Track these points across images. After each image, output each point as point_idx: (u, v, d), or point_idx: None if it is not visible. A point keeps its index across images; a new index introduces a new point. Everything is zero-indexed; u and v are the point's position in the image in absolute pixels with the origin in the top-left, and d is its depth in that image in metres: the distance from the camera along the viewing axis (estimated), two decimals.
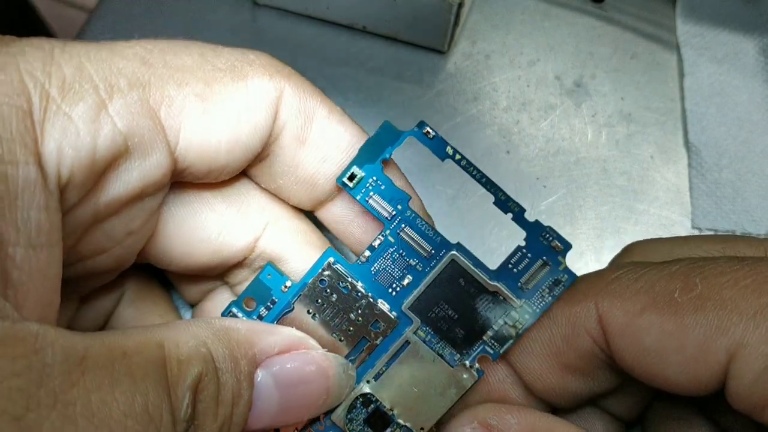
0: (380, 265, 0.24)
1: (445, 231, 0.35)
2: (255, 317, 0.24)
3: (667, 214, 0.37)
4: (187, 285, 0.28)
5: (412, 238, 0.23)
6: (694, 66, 0.41)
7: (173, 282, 0.29)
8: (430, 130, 0.23)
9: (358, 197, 0.23)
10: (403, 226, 0.23)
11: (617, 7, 0.43)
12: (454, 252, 0.23)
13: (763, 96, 0.41)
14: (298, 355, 0.22)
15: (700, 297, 0.20)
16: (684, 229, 0.37)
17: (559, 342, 0.23)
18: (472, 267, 0.23)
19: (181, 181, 0.23)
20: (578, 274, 0.23)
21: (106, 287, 0.26)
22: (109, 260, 0.23)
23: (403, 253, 0.23)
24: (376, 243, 0.23)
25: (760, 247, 0.22)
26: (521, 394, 0.24)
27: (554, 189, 0.37)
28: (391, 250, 0.23)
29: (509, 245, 0.35)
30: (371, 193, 0.23)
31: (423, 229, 0.23)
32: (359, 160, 0.23)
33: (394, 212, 0.23)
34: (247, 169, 0.25)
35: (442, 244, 0.23)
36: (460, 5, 0.37)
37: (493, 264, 0.24)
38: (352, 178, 0.23)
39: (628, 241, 0.36)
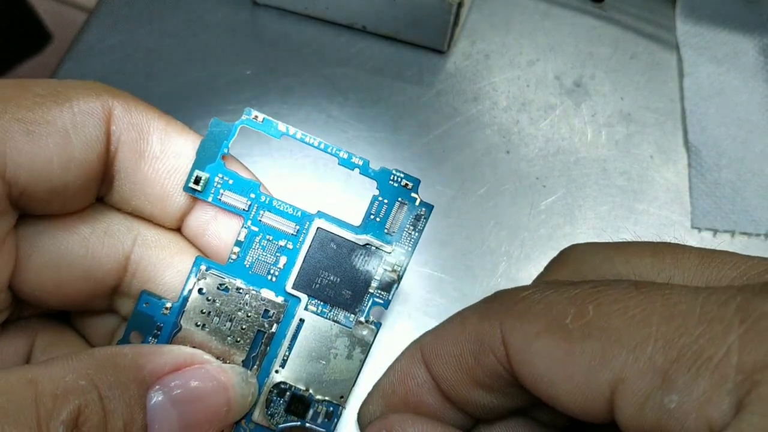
0: (252, 257, 0.24)
1: (444, 232, 0.35)
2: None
3: (666, 214, 0.37)
4: (89, 328, 0.27)
5: (275, 221, 0.24)
6: (694, 66, 0.41)
7: (78, 329, 0.28)
8: (258, 114, 0.24)
9: (209, 198, 0.24)
10: (261, 212, 0.24)
11: (617, 7, 0.43)
12: (317, 219, 0.24)
13: (762, 96, 0.41)
14: (191, 371, 0.22)
15: (588, 325, 0.19)
16: (683, 228, 0.37)
17: (469, 358, 0.23)
18: (338, 229, 0.24)
19: (33, 213, 0.23)
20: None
21: (9, 337, 0.25)
22: None
23: (271, 238, 0.24)
24: (241, 236, 0.24)
25: (738, 264, 0.21)
26: (438, 401, 0.24)
27: (554, 189, 0.37)
28: (258, 238, 0.24)
29: (510, 246, 0.35)
30: (222, 191, 0.24)
31: (282, 209, 0.24)
32: (199, 162, 0.24)
33: (249, 202, 0.24)
34: (104, 197, 0.25)
35: (304, 217, 0.24)
36: (460, 5, 0.37)
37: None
38: (197, 181, 0.24)
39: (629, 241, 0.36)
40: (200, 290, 0.24)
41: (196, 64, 0.40)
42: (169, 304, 0.24)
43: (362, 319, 0.24)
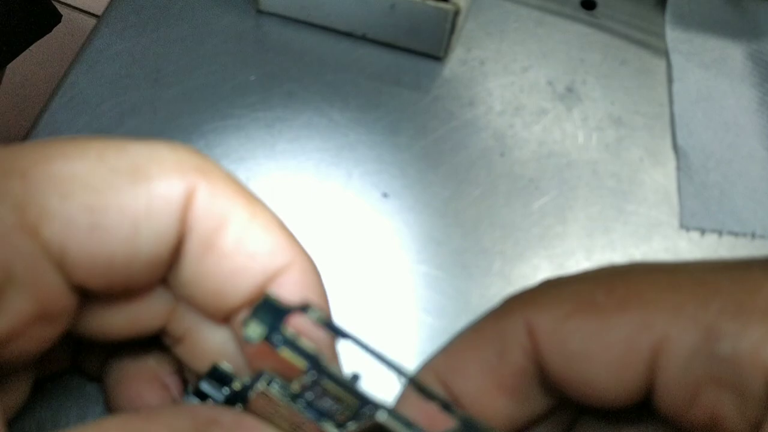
0: (312, 398, 0.21)
1: (440, 232, 0.37)
2: (224, 392, 0.23)
3: (655, 215, 0.38)
4: (88, 346, 0.25)
5: (334, 390, 0.21)
6: (683, 71, 0.43)
7: None
8: (320, 316, 0.20)
9: (269, 340, 0.21)
10: (321, 379, 0.21)
11: (608, 15, 0.45)
12: (378, 414, 0.20)
13: (749, 100, 0.42)
14: None
15: (623, 298, 0.19)
16: (672, 228, 0.38)
17: (493, 359, 0.22)
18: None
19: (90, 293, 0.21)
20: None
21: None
22: (26, 360, 0.20)
23: (328, 398, 0.21)
24: (306, 381, 0.21)
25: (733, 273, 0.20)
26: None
27: (546, 190, 0.38)
28: (318, 388, 0.21)
29: (503, 245, 0.37)
30: (281, 345, 0.20)
31: (343, 384, 0.21)
32: (255, 313, 0.20)
33: (308, 366, 0.20)
34: None
35: (364, 402, 0.20)
36: (457, 14, 0.39)
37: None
38: (249, 339, 0.20)
39: (618, 241, 0.37)
40: (262, 393, 0.21)
41: (202, 69, 0.41)
42: (238, 384, 0.22)
43: None
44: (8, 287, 0.18)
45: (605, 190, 0.39)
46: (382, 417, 0.20)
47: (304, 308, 0.20)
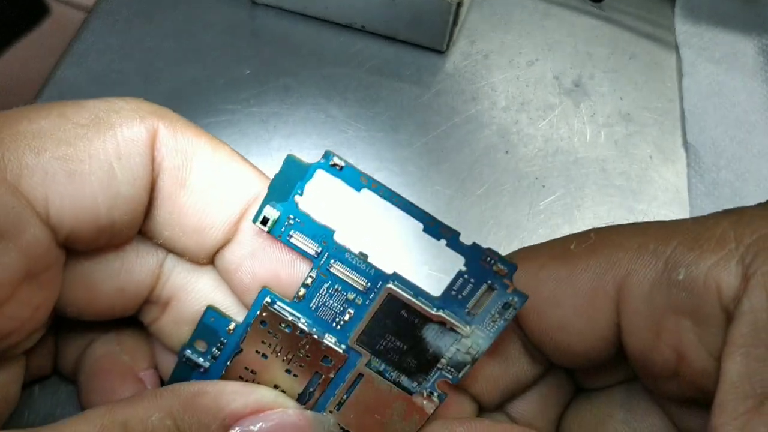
0: (318, 301, 0.23)
1: None
2: (209, 357, 0.24)
3: (665, 214, 0.37)
4: (63, 343, 0.26)
5: (345, 273, 0.22)
6: (693, 66, 0.41)
7: None
8: (338, 161, 0.21)
9: (278, 237, 0.22)
10: (332, 261, 0.22)
11: (616, 7, 0.43)
12: (389, 285, 0.22)
13: (761, 96, 0.41)
14: (272, 414, 0.22)
15: (592, 245, 0.21)
16: None
17: None
18: (411, 298, 0.22)
19: (79, 250, 0.22)
20: None
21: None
22: (21, 335, 0.21)
23: (339, 288, 0.22)
24: (309, 281, 0.22)
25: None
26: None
27: (553, 189, 0.37)
28: (326, 285, 0.22)
29: (509, 246, 0.35)
30: (291, 232, 0.22)
31: (354, 262, 0.22)
32: (270, 198, 0.22)
33: (319, 249, 0.22)
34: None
35: (376, 277, 0.22)
36: (459, 5, 0.37)
37: None
38: (265, 221, 0.22)
39: None
40: (262, 322, 0.23)
41: (195, 63, 0.40)
42: (232, 325, 0.23)
43: (425, 391, 0.23)
44: None
45: (614, 188, 0.37)
46: (393, 286, 0.21)
47: (322, 162, 0.21)
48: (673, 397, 0.21)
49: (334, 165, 0.21)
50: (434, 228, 0.21)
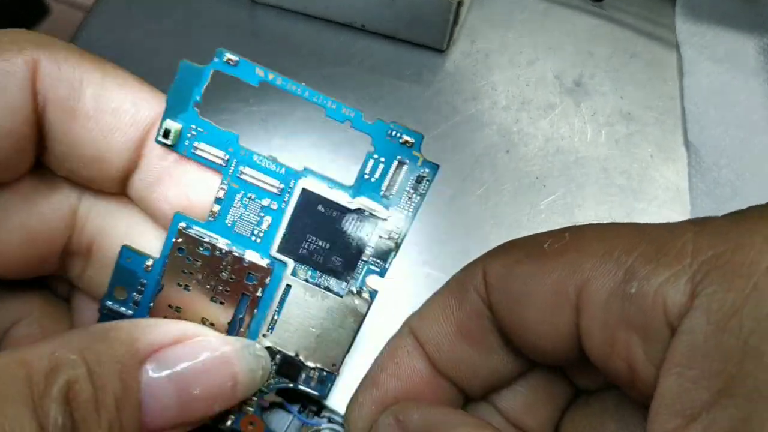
0: (234, 215, 0.22)
1: (443, 232, 0.35)
2: (131, 304, 0.23)
3: (666, 213, 0.37)
4: None
5: (256, 178, 0.22)
6: (694, 65, 0.41)
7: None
8: (232, 57, 0.21)
9: (183, 152, 0.21)
10: (241, 168, 0.21)
11: (617, 6, 0.43)
12: (303, 179, 0.21)
13: (762, 95, 0.41)
14: (191, 343, 0.21)
15: (564, 246, 0.21)
16: None
17: (454, 305, 0.23)
18: (327, 189, 0.21)
19: None
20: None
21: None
22: None
23: (253, 196, 0.22)
24: (221, 193, 0.22)
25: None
26: (428, 373, 0.24)
27: (554, 188, 0.37)
28: (239, 196, 0.22)
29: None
30: (196, 143, 0.21)
31: (264, 164, 0.21)
32: (170, 112, 0.21)
33: (227, 156, 0.21)
34: (40, 158, 0.22)
35: (288, 175, 0.21)
36: (460, 4, 0.37)
37: None
38: (167, 134, 0.21)
39: None
40: (180, 249, 0.22)
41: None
42: (150, 261, 0.22)
43: (355, 288, 0.22)
44: None
45: (615, 187, 0.37)
46: (306, 180, 0.21)
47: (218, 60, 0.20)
48: (638, 402, 0.21)
49: (228, 61, 0.21)
50: (337, 110, 0.21)
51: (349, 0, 0.39)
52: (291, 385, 0.23)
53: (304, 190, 0.21)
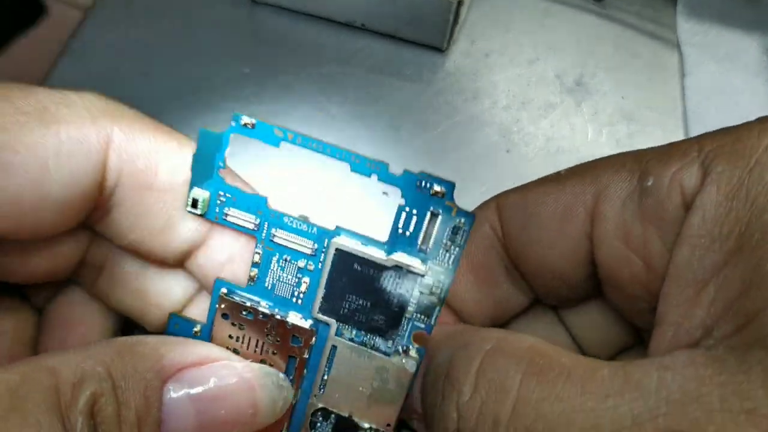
0: (272, 278, 0.22)
1: None
2: None
3: None
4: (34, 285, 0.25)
5: (288, 240, 0.21)
6: (695, 65, 0.41)
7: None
8: (248, 120, 0.20)
9: (214, 218, 0.21)
10: (273, 230, 0.21)
11: (618, 6, 0.43)
12: (335, 240, 0.21)
13: (763, 95, 0.41)
14: (215, 366, 0.20)
15: (582, 169, 0.23)
16: None
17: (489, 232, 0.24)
18: (362, 247, 0.21)
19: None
20: None
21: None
22: None
23: (288, 258, 0.21)
24: (257, 258, 0.22)
25: None
26: (499, 258, 0.25)
27: None
28: (275, 258, 0.21)
29: None
30: (226, 209, 0.21)
31: (295, 226, 0.21)
32: (195, 180, 0.21)
33: (257, 219, 0.21)
34: (94, 226, 0.22)
35: (321, 235, 0.21)
36: (460, 3, 0.37)
37: None
38: (195, 204, 0.21)
39: None
40: (224, 315, 0.22)
41: (194, 62, 0.39)
42: (198, 327, 0.22)
43: (401, 347, 0.21)
44: None
45: None
46: (339, 240, 0.21)
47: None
48: (643, 317, 0.22)
49: (246, 125, 0.20)
50: (361, 164, 0.20)
51: None
52: None
53: (338, 249, 0.21)
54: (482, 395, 0.18)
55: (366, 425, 0.23)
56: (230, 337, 0.22)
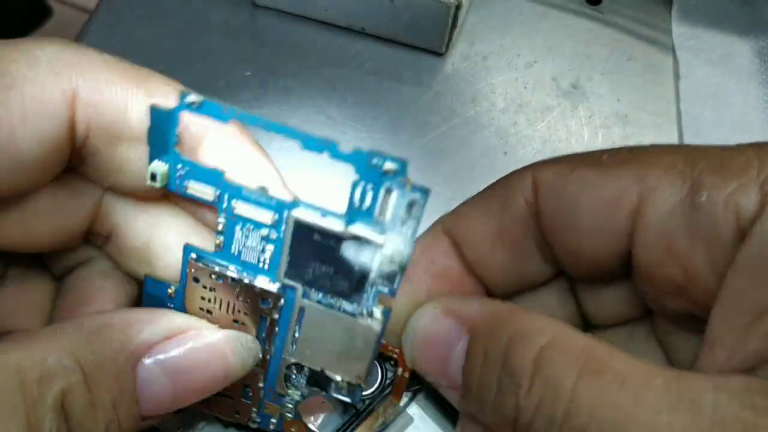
0: (237, 245, 0.22)
1: None
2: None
3: None
4: (53, 255, 0.25)
5: (249, 210, 0.21)
6: (690, 68, 0.42)
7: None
8: (194, 98, 0.20)
9: (175, 190, 0.22)
10: (233, 202, 0.21)
11: (614, 10, 0.44)
12: (294, 211, 0.21)
13: (757, 98, 0.41)
14: (184, 338, 0.21)
15: (624, 158, 0.22)
16: None
17: (497, 208, 0.23)
18: (321, 218, 0.21)
19: None
20: None
21: None
22: None
23: (250, 227, 0.22)
24: (220, 227, 0.22)
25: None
26: (461, 271, 0.24)
27: None
28: (238, 227, 0.22)
29: None
30: (186, 182, 0.22)
31: (254, 198, 0.21)
32: (152, 154, 0.21)
33: (217, 191, 0.21)
34: (76, 168, 0.22)
35: (279, 207, 0.21)
36: (458, 7, 0.38)
37: None
38: (154, 177, 0.21)
39: None
40: (195, 279, 0.22)
41: (196, 65, 0.40)
42: (172, 288, 0.23)
43: (365, 310, 0.22)
44: None
45: None
46: (297, 212, 0.21)
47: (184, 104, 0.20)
48: (670, 314, 0.22)
49: (192, 103, 0.20)
50: (311, 142, 0.20)
51: (349, 3, 0.40)
52: (324, 393, 0.24)
53: (297, 220, 0.21)
54: (540, 391, 0.18)
55: (338, 378, 0.23)
56: (203, 298, 0.23)
